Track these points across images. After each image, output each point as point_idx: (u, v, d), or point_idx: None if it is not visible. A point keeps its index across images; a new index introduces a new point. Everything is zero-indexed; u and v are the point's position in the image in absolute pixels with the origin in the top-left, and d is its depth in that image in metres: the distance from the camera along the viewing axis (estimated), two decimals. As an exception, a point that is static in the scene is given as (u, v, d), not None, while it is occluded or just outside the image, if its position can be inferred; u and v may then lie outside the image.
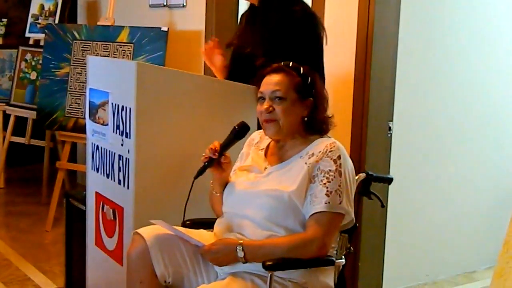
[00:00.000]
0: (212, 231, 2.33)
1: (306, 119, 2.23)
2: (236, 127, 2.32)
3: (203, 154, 2.30)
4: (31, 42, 5.40)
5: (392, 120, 3.46)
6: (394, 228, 3.58)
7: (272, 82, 2.23)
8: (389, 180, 2.60)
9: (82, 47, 4.56)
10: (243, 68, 2.81)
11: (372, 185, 2.53)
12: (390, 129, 3.45)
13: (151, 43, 4.34)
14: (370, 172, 2.50)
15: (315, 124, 2.24)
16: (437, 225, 3.85)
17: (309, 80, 2.24)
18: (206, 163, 2.29)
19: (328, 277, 2.20)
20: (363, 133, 3.35)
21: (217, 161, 2.29)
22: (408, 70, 3.53)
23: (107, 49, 4.47)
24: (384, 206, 2.56)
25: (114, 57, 4.43)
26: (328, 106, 2.29)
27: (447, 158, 3.84)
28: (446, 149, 3.83)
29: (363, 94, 3.35)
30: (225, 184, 2.34)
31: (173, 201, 2.56)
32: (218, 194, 2.35)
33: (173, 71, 2.76)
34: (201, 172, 2.29)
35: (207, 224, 2.39)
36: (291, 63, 2.27)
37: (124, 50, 4.44)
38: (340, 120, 2.34)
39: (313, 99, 2.24)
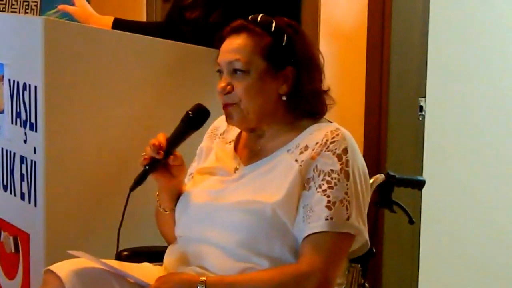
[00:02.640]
0: (161, 264, 2.33)
1: (285, 98, 2.23)
2: (190, 112, 2.30)
3: (143, 154, 2.28)
4: None
5: (424, 97, 3.48)
6: (431, 255, 3.61)
7: (229, 48, 2.22)
8: (420, 184, 2.62)
9: (-35, -1, 4.53)
10: (186, 30, 2.85)
11: (396, 192, 2.55)
12: (422, 109, 3.48)
13: (67, -9, 4.33)
14: (391, 173, 2.52)
15: (301, 104, 2.23)
16: (495, 251, 3.88)
17: (285, 39, 2.23)
18: (147, 167, 2.26)
19: (333, 327, 2.21)
20: (382, 117, 3.38)
21: (163, 163, 2.28)
22: (447, 22, 3.56)
23: (2, 1, 4.46)
24: (413, 222, 2.58)
25: (12, 12, 4.42)
26: (323, 78, 2.28)
27: (507, 148, 3.88)
28: (505, 135, 3.87)
29: (381, 60, 3.38)
30: (177, 196, 2.34)
31: (101, 222, 2.57)
32: (168, 212, 2.35)
33: (100, 30, 2.77)
34: (140, 180, 2.27)
35: (153, 254, 2.40)
36: (259, 17, 2.25)
37: (27, 2, 4.43)
38: (348, 99, 2.35)
39: (294, 67, 2.23)
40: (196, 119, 2.30)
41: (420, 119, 3.49)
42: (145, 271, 2.27)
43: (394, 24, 3.37)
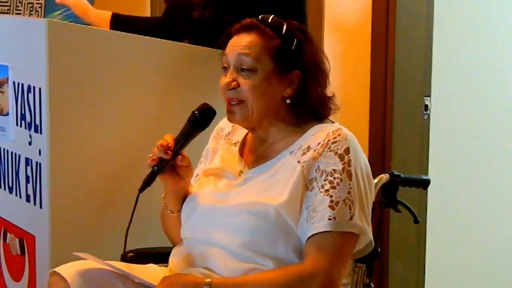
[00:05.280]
0: (166, 265, 2.34)
1: (289, 101, 2.24)
2: (196, 112, 2.32)
3: (150, 155, 2.28)
4: None
5: (429, 96, 3.49)
6: (437, 254, 3.61)
7: (239, 44, 2.23)
8: (425, 183, 2.63)
9: (-31, 1, 4.54)
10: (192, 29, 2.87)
11: (402, 191, 2.56)
12: (426, 108, 3.48)
13: (71, -8, 4.33)
14: (396, 172, 2.52)
15: (304, 108, 2.25)
16: (501, 250, 3.88)
17: (294, 43, 2.24)
18: (155, 168, 2.27)
19: (338, 328, 2.23)
20: (386, 115, 3.38)
21: (171, 163, 2.29)
22: (452, 19, 3.57)
23: (6, 2, 4.47)
24: (418, 221, 2.59)
25: (16, 14, 4.43)
26: (328, 83, 2.30)
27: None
28: (511, 133, 3.87)
29: (386, 58, 3.38)
30: (183, 198, 2.35)
31: (107, 224, 2.58)
32: (174, 213, 2.37)
33: (104, 31, 2.79)
34: (148, 181, 2.27)
35: (159, 256, 2.41)
36: (270, 18, 2.27)
37: (32, 3, 4.44)
38: (352, 98, 2.34)
39: (301, 72, 2.24)
40: (202, 118, 2.32)
41: (425, 118, 3.49)
42: (150, 272, 2.28)
43: (399, 21, 3.38)
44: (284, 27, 2.25)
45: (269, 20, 2.26)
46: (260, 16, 2.28)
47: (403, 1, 3.39)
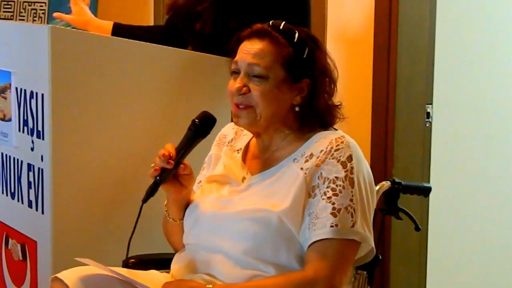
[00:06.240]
0: (168, 272, 2.35)
1: (297, 108, 2.25)
2: (196, 120, 2.32)
3: (152, 165, 2.28)
4: None
5: (431, 103, 3.49)
6: (439, 262, 3.61)
7: (251, 51, 2.23)
8: (426, 191, 2.63)
9: (-28, 7, 4.55)
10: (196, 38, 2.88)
11: (402, 198, 2.56)
12: (428, 115, 3.49)
13: (74, -2, 4.34)
14: (397, 180, 2.53)
15: (312, 116, 2.26)
16: (503, 257, 3.88)
17: (306, 52, 2.25)
18: (158, 178, 2.26)
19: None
20: (388, 122, 3.39)
21: (173, 173, 2.29)
22: (454, 28, 3.57)
23: (10, 8, 4.48)
24: (419, 228, 2.59)
25: (20, 20, 4.44)
26: (335, 91, 2.30)
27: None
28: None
29: (388, 65, 3.39)
30: (185, 206, 2.36)
31: (109, 230, 2.58)
32: (177, 221, 2.37)
33: (107, 38, 2.80)
34: (152, 192, 2.27)
35: (161, 262, 2.42)
36: (282, 24, 2.27)
37: (35, 9, 4.45)
38: (354, 105, 2.34)
39: (311, 80, 2.25)
40: (203, 126, 2.31)
41: (427, 125, 3.50)
42: (152, 278, 2.28)
43: (401, 29, 3.39)
44: (296, 35, 2.25)
45: (281, 27, 2.25)
46: (271, 22, 2.27)
47: (405, 10, 3.40)
